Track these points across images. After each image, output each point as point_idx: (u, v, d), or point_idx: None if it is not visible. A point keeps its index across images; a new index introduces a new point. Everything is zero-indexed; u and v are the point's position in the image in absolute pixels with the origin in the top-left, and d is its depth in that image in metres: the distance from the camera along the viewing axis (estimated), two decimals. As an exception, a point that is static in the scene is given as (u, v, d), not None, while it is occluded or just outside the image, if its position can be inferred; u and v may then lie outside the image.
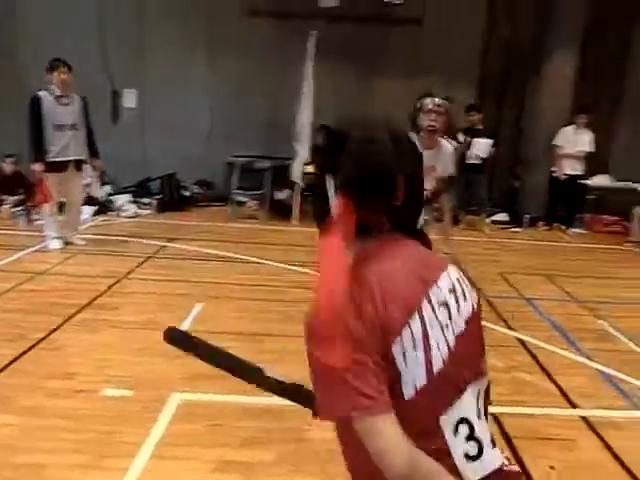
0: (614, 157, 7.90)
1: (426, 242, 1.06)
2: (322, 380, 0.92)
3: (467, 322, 0.98)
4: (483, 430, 0.98)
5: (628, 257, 6.28)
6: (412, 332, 0.90)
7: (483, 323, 1.06)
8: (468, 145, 7.08)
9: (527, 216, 7.46)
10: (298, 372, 2.94)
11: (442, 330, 0.94)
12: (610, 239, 7.00)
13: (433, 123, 2.94)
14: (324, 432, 2.40)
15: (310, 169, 7.01)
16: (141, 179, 7.92)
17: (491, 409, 2.62)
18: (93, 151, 5.44)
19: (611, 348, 3.53)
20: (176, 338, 1.43)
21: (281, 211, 7.39)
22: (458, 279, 1.00)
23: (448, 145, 3.16)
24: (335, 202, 0.95)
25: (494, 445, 0.98)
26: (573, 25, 7.66)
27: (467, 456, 0.94)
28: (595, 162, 7.56)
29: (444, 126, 2.94)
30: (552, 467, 2.26)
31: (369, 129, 1.01)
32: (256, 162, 7.46)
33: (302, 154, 6.91)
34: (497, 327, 3.77)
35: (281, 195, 7.53)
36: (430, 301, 0.94)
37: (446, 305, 0.96)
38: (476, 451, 0.96)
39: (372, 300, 0.88)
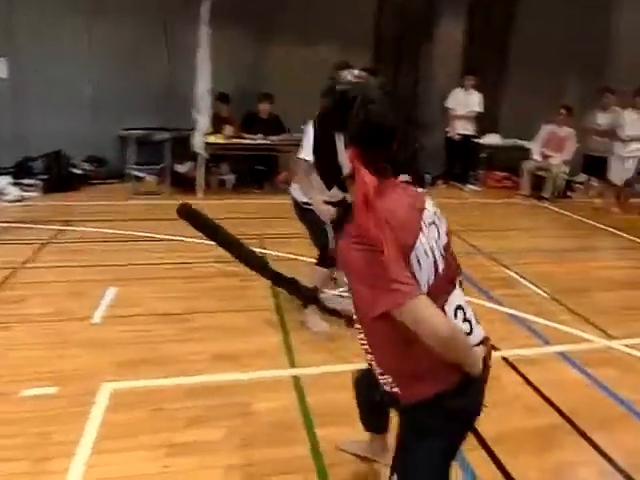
0: (502, 117, 8.52)
1: (416, 182, 1.43)
2: (367, 282, 1.14)
3: (447, 235, 1.34)
4: (470, 313, 1.34)
5: (520, 209, 6.88)
6: (422, 245, 1.21)
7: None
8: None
9: (428, 176, 7.85)
10: (235, 346, 2.94)
11: (436, 242, 1.27)
12: (502, 194, 7.61)
13: None
14: (269, 403, 2.45)
15: (213, 139, 6.81)
16: (20, 159, 7.20)
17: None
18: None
19: (517, 293, 3.89)
20: (190, 214, 1.71)
21: (184, 184, 7.12)
22: (434, 205, 1.34)
23: None
24: (347, 154, 1.18)
25: (478, 322, 1.37)
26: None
27: (465, 333, 1.29)
28: (486, 122, 8.10)
29: None
30: (485, 405, 2.46)
31: (369, 91, 1.21)
32: (154, 134, 7.07)
33: (203, 123, 6.67)
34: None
35: (182, 168, 7.23)
36: (425, 223, 1.26)
37: (434, 224, 1.30)
38: (469, 328, 1.32)
39: (391, 226, 1.14)
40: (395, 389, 1.30)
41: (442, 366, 1.21)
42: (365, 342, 1.33)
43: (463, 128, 7.83)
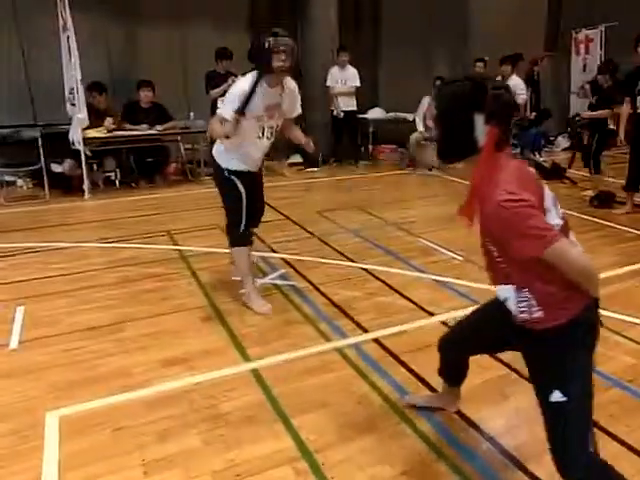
0: (381, 92, 8.93)
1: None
2: (520, 232, 1.43)
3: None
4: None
5: (413, 179, 7.32)
6: (547, 205, 1.55)
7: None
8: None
9: (320, 155, 8.01)
10: (179, 349, 2.83)
11: (551, 198, 1.59)
12: (393, 166, 8.02)
13: (285, 63, 2.92)
14: (234, 401, 2.43)
15: (94, 133, 6.33)
16: None
17: (370, 335, 2.93)
18: None
19: (436, 260, 4.18)
20: None
21: (64, 185, 6.56)
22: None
23: (293, 83, 3.20)
24: (485, 130, 1.51)
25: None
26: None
27: None
28: (367, 98, 8.44)
29: (292, 66, 2.96)
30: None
31: (493, 81, 1.59)
32: (21, 131, 6.39)
33: (79, 117, 6.16)
34: (342, 262, 4.11)
35: (60, 167, 6.63)
36: (545, 191, 1.58)
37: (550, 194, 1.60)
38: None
39: (526, 189, 1.47)
40: (539, 314, 1.59)
41: (576, 291, 1.54)
42: (514, 285, 1.61)
43: (345, 105, 8.06)
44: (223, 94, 6.80)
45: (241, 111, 2.91)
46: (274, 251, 4.36)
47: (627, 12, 9.82)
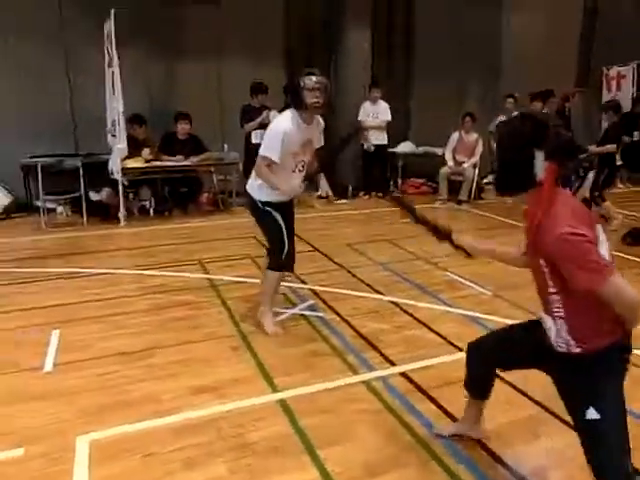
0: (412, 126, 9.02)
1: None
2: (580, 264, 1.53)
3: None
4: None
5: (442, 213, 7.30)
6: (600, 240, 1.64)
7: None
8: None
9: (350, 188, 8.11)
10: (208, 378, 2.86)
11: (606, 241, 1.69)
12: (423, 199, 8.04)
13: (319, 100, 3.06)
14: (262, 431, 2.43)
15: (132, 163, 6.56)
16: None
17: (398, 369, 2.92)
18: None
19: (464, 294, 4.15)
20: (401, 203, 2.25)
21: (100, 213, 6.79)
22: None
23: (320, 119, 3.34)
24: (544, 166, 1.61)
25: None
26: (362, 5, 8.43)
27: None
28: (397, 132, 8.54)
29: (325, 102, 3.11)
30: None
31: (551, 118, 1.74)
32: (64, 161, 6.66)
33: (120, 148, 6.40)
34: (370, 294, 4.12)
35: (98, 196, 6.87)
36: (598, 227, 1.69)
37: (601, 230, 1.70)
38: None
39: (584, 224, 1.59)
40: (576, 349, 1.70)
41: (615, 323, 1.64)
42: (560, 311, 1.70)
43: (376, 138, 8.17)
44: (258, 127, 7.10)
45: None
46: (303, 282, 4.39)
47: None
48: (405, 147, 8.62)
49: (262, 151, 3.19)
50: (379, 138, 8.18)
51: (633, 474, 1.67)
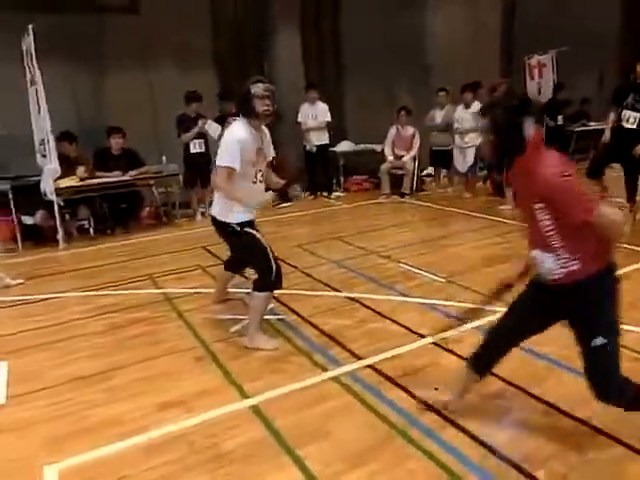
0: (349, 125, 9.15)
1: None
2: (572, 199, 1.86)
3: None
4: None
5: (386, 207, 7.47)
6: None
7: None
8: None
9: (299, 188, 8.13)
10: (174, 393, 2.79)
11: None
12: (366, 195, 8.18)
13: (269, 107, 3.06)
14: (236, 439, 2.41)
15: (67, 182, 6.30)
16: None
17: (365, 362, 2.95)
18: None
19: (419, 283, 4.26)
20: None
21: (37, 237, 6.47)
22: None
23: (266, 129, 3.32)
24: (533, 131, 1.95)
25: None
26: (290, 8, 8.49)
27: None
28: (336, 131, 8.64)
29: (274, 111, 3.09)
30: (436, 388, 2.71)
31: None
32: (-8, 185, 6.30)
33: (50, 168, 6.13)
34: (328, 293, 4.16)
35: (32, 219, 6.54)
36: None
37: None
38: None
39: (570, 168, 1.93)
40: (576, 267, 1.97)
41: (604, 247, 1.96)
42: (557, 242, 1.97)
43: (317, 139, 8.23)
44: (196, 137, 7.00)
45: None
46: (259, 287, 4.37)
47: (574, 38, 10.47)
48: (344, 146, 8.73)
49: (221, 162, 3.08)
50: (321, 138, 8.24)
51: (624, 382, 2.04)
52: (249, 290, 3.42)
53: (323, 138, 8.26)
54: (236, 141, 3.05)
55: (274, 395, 2.75)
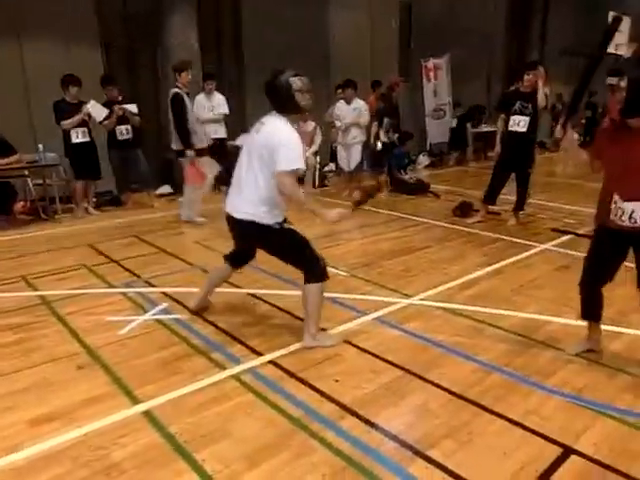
0: (248, 118, 9.06)
1: None
2: None
3: None
4: None
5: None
6: None
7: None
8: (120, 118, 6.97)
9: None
10: (55, 404, 2.57)
11: None
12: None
13: (311, 102, 3.04)
14: (129, 447, 2.31)
15: None
16: None
17: (266, 358, 2.94)
18: None
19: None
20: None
21: None
22: None
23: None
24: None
25: None
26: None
27: None
28: (235, 125, 8.53)
29: None
30: (337, 380, 2.78)
31: None
32: None
33: None
34: (227, 289, 4.09)
35: None
36: None
37: None
38: None
39: None
40: None
41: None
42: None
43: (215, 132, 8.07)
44: (79, 125, 6.56)
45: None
46: (152, 285, 4.20)
47: (467, 44, 11.23)
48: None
49: (288, 166, 2.86)
50: (218, 132, 8.08)
51: None
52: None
53: (221, 131, 8.11)
54: (299, 140, 2.93)
55: (169, 398, 2.65)
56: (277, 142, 2.86)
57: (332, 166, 8.97)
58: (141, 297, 3.96)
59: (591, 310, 2.93)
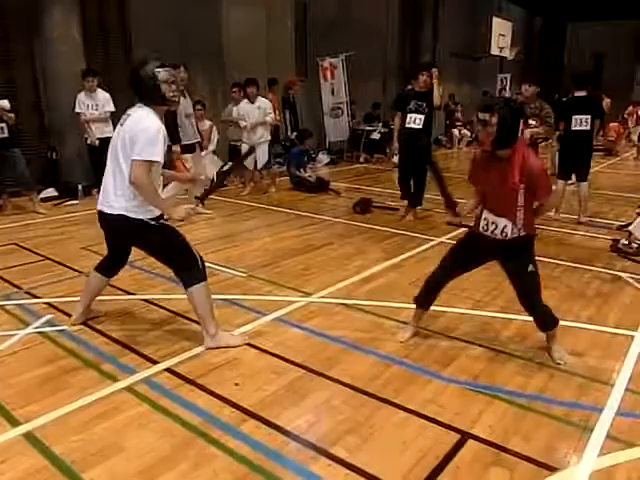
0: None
1: None
2: (546, 184, 2.75)
3: None
4: None
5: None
6: None
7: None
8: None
9: (80, 187, 7.46)
10: None
11: None
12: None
13: (177, 93, 2.93)
14: (7, 474, 2.13)
15: None
16: None
17: (161, 366, 2.83)
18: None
19: (220, 279, 4.23)
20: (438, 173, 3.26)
21: None
22: None
23: None
24: (523, 129, 2.94)
25: None
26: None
27: None
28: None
29: None
30: (237, 384, 2.74)
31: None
32: None
33: None
34: (120, 296, 3.89)
35: None
36: None
37: None
38: None
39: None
40: (523, 232, 2.82)
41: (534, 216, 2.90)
42: (521, 214, 2.78)
43: (101, 132, 7.63)
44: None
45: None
46: (35, 296, 3.91)
47: (363, 44, 11.56)
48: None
49: (142, 155, 2.74)
50: (105, 131, 7.63)
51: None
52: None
53: (106, 130, 7.66)
54: (160, 131, 2.78)
55: (54, 417, 2.47)
56: (137, 131, 2.79)
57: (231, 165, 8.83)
58: (21, 310, 3.67)
59: (429, 300, 3.25)
